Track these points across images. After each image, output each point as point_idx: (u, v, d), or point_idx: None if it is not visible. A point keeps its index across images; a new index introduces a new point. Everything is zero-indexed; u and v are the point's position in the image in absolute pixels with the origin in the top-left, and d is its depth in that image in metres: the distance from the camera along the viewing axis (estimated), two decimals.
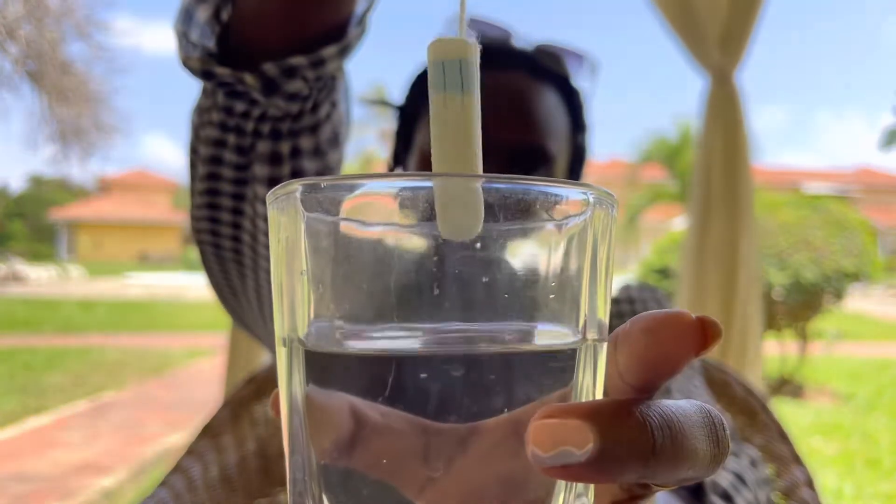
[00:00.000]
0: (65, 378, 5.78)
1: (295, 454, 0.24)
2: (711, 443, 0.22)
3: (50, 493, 3.19)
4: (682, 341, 0.21)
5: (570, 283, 0.23)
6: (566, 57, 0.82)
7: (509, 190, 0.22)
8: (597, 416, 0.20)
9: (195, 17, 0.50)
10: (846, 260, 5.15)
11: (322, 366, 0.23)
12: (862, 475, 3.71)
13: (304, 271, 0.23)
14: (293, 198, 0.23)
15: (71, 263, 25.13)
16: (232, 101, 0.52)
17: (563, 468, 0.19)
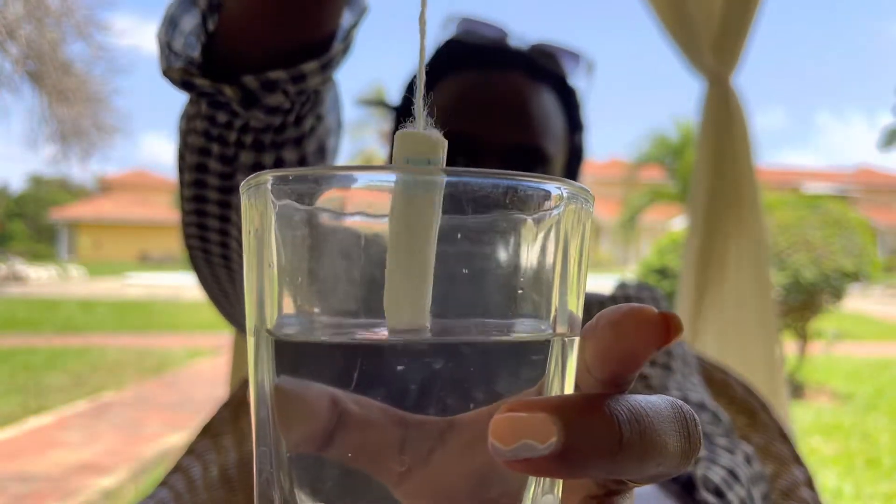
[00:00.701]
0: (65, 378, 5.78)
1: (262, 445, 0.24)
2: (682, 437, 0.22)
3: (50, 493, 3.19)
4: (645, 334, 0.21)
5: (541, 278, 0.23)
6: (562, 56, 0.82)
7: (479, 185, 0.21)
8: (562, 410, 0.19)
9: (180, 26, 0.50)
10: (846, 260, 5.15)
11: (290, 356, 0.23)
12: (861, 475, 3.71)
13: (273, 263, 0.23)
14: (263, 189, 0.23)
15: (71, 263, 25.13)
16: (214, 112, 0.52)
17: (526, 462, 0.19)
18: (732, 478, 0.62)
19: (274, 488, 0.23)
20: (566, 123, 0.83)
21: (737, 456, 0.67)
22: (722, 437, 0.69)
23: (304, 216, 0.22)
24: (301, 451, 0.23)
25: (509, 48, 0.82)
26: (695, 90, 2.49)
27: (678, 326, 0.21)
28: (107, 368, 6.28)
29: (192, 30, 0.50)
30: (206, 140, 0.53)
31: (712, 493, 0.60)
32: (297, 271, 0.23)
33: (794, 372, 5.65)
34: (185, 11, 0.50)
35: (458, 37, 0.82)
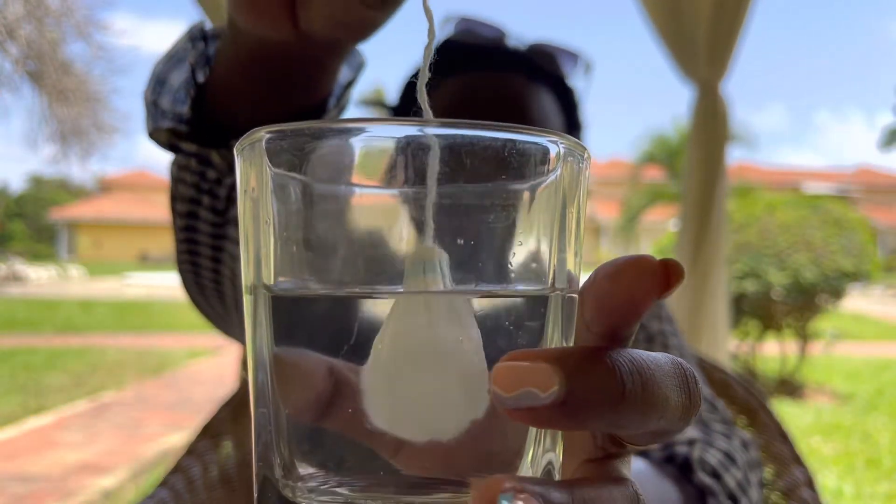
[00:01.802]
0: (65, 378, 5.78)
1: (261, 407, 0.23)
2: (683, 393, 0.22)
3: (50, 493, 3.19)
4: (645, 283, 0.20)
5: (539, 235, 0.23)
6: (560, 56, 0.82)
7: (477, 137, 0.21)
8: (564, 360, 0.19)
9: (168, 82, 0.49)
10: (846, 260, 5.15)
11: (288, 312, 0.23)
12: (861, 475, 3.71)
13: (269, 221, 0.22)
14: (258, 147, 0.22)
15: (71, 263, 25.13)
16: (204, 169, 0.51)
17: (528, 411, 0.19)
18: (729, 460, 0.62)
19: (274, 453, 0.23)
20: (564, 123, 0.83)
21: (734, 441, 0.67)
22: (719, 424, 0.70)
23: (300, 173, 0.22)
24: (299, 420, 0.23)
25: (507, 49, 0.82)
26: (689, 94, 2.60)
27: (679, 273, 0.20)
28: (107, 368, 6.28)
29: (181, 84, 0.49)
30: (196, 192, 0.53)
31: (709, 474, 0.60)
32: (293, 229, 0.22)
33: (794, 372, 5.65)
34: (173, 68, 0.49)
35: (456, 37, 0.82)
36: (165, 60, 0.50)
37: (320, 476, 0.22)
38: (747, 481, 0.62)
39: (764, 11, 7.92)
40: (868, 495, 3.44)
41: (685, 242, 2.50)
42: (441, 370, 0.21)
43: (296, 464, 0.23)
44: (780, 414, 1.05)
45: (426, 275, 0.22)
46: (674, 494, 0.57)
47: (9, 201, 38.64)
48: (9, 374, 5.87)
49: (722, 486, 0.59)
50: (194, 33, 0.50)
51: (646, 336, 0.80)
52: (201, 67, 0.49)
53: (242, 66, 0.45)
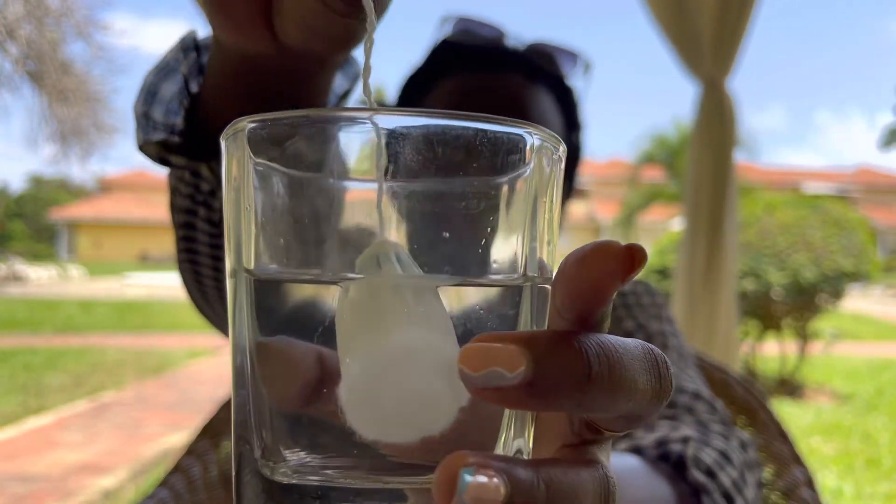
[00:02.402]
0: (65, 378, 5.78)
1: (241, 389, 0.24)
2: (653, 377, 0.22)
3: (50, 493, 3.19)
4: (610, 266, 0.21)
5: (511, 224, 0.23)
6: (559, 56, 0.82)
7: (449, 127, 0.22)
8: (531, 342, 0.20)
9: (159, 94, 0.48)
10: (845, 260, 5.15)
11: (269, 296, 0.23)
12: (861, 475, 3.71)
13: (250, 206, 0.23)
14: (241, 136, 0.23)
15: (71, 263, 25.14)
16: (198, 181, 0.51)
17: (495, 391, 0.19)
18: (724, 459, 0.62)
19: (252, 433, 0.23)
20: (563, 123, 0.83)
21: (731, 441, 0.67)
22: (717, 425, 0.70)
23: (281, 162, 0.22)
24: (284, 407, 0.23)
25: (506, 49, 0.82)
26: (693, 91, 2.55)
27: (641, 256, 0.21)
28: (107, 368, 6.28)
29: (174, 95, 0.48)
30: (192, 203, 0.53)
31: (703, 472, 0.60)
32: (274, 216, 0.23)
33: (794, 372, 5.65)
34: (164, 79, 0.49)
35: (454, 37, 0.82)
36: (156, 72, 0.49)
37: (301, 457, 0.23)
38: (743, 481, 0.62)
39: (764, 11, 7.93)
40: (868, 495, 3.44)
41: (693, 244, 2.47)
42: (419, 369, 0.21)
43: (277, 445, 0.23)
44: (780, 414, 1.05)
45: (381, 267, 0.22)
46: (667, 492, 0.57)
47: (9, 201, 38.65)
48: (9, 374, 5.87)
49: (716, 484, 0.59)
50: (187, 43, 0.49)
51: (645, 336, 0.80)
52: (194, 77, 0.48)
53: (229, 79, 0.44)
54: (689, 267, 2.47)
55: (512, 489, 0.19)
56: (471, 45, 0.81)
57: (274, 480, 0.23)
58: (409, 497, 0.22)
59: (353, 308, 0.22)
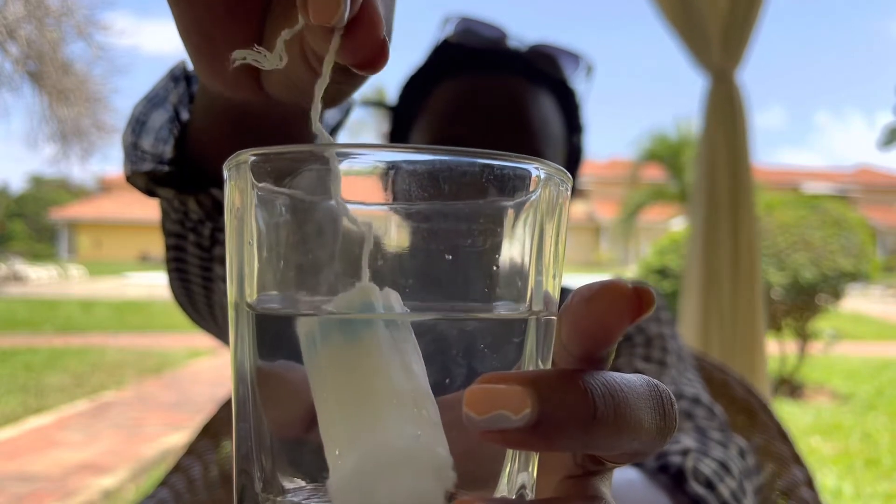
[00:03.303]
0: (65, 378, 5.78)
1: (242, 422, 0.24)
2: (658, 415, 0.22)
3: (50, 493, 3.19)
4: (618, 307, 0.21)
5: (516, 258, 0.23)
6: (561, 57, 0.82)
7: (455, 163, 0.22)
8: (536, 383, 0.20)
9: (149, 123, 0.48)
10: (845, 260, 5.15)
11: (270, 330, 0.23)
12: (861, 475, 3.71)
13: (253, 241, 0.23)
14: (244, 168, 0.23)
15: (71, 263, 25.13)
16: (187, 209, 0.50)
17: (500, 433, 0.19)
18: (724, 470, 0.62)
19: (254, 465, 0.23)
20: (565, 125, 0.83)
21: (730, 450, 0.67)
22: (716, 431, 0.70)
23: (283, 195, 0.22)
24: (284, 434, 0.23)
25: (507, 50, 0.81)
26: (696, 88, 2.51)
27: (650, 299, 0.21)
28: (107, 368, 6.28)
29: (164, 123, 0.48)
30: (182, 228, 0.52)
31: (703, 484, 0.60)
32: (276, 249, 0.23)
33: (793, 372, 5.65)
34: (154, 109, 0.48)
35: (455, 38, 0.82)
36: (145, 102, 0.49)
37: (301, 490, 0.23)
38: (742, 491, 0.62)
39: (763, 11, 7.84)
40: (868, 495, 3.44)
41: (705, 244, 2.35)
42: (413, 470, 0.21)
43: (277, 477, 0.23)
44: (780, 414, 1.05)
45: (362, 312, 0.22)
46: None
47: (9, 201, 38.63)
48: (9, 373, 5.87)
49: (716, 496, 0.59)
50: (176, 73, 0.49)
51: (644, 339, 0.80)
52: (184, 107, 0.48)
53: (216, 118, 0.44)
54: (704, 267, 2.39)
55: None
56: (472, 46, 0.81)
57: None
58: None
59: (334, 377, 0.22)
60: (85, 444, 3.96)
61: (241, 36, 0.30)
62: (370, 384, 0.22)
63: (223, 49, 0.30)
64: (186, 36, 0.31)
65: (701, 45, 2.38)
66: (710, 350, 2.34)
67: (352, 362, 0.22)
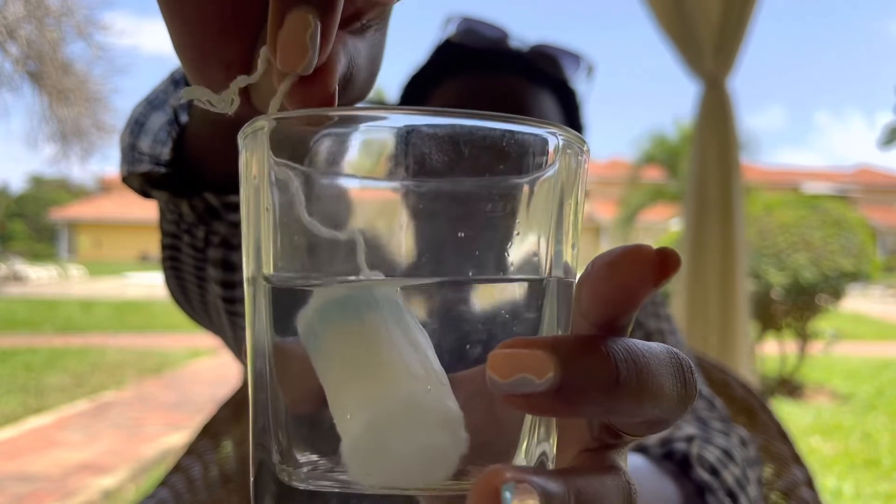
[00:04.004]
0: (65, 378, 5.78)
1: (259, 393, 0.24)
2: (679, 382, 0.22)
3: (50, 493, 3.19)
4: (642, 271, 0.20)
5: (537, 225, 0.23)
6: (562, 58, 0.82)
7: (474, 127, 0.21)
8: (559, 347, 0.19)
9: (147, 125, 0.48)
10: (845, 260, 5.15)
11: (287, 302, 0.23)
12: (861, 475, 3.71)
13: (270, 208, 0.23)
14: (260, 135, 0.23)
15: (71, 263, 25.12)
16: (182, 212, 0.51)
17: (523, 398, 0.19)
18: (727, 457, 0.63)
19: (271, 438, 0.23)
20: (565, 126, 0.83)
21: (732, 438, 0.67)
22: (717, 422, 0.70)
23: (301, 162, 0.22)
24: (299, 409, 0.23)
25: (508, 50, 0.82)
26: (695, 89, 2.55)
27: (675, 262, 0.20)
28: (107, 368, 6.28)
29: (163, 125, 0.48)
30: (177, 229, 0.53)
31: (707, 471, 0.60)
32: (293, 217, 0.22)
33: (793, 372, 5.65)
34: (153, 111, 0.49)
35: (456, 38, 0.82)
36: (145, 104, 0.49)
37: (318, 462, 0.23)
38: (746, 478, 0.63)
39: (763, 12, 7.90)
40: (868, 495, 3.44)
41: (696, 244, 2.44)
42: (424, 425, 0.21)
43: (293, 450, 0.23)
44: (780, 414, 1.05)
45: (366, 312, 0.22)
46: (672, 491, 0.58)
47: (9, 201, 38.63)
48: (9, 373, 5.87)
49: (720, 482, 0.60)
50: (176, 77, 0.50)
51: (643, 335, 0.80)
52: (184, 109, 0.49)
53: (212, 124, 0.44)
54: (692, 267, 2.45)
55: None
56: (474, 47, 0.81)
57: (291, 486, 0.23)
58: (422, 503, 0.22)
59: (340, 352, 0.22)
60: (85, 444, 3.96)
61: (234, 54, 0.30)
62: (376, 354, 0.22)
63: (216, 67, 0.30)
64: (181, 52, 0.31)
65: (694, 52, 2.44)
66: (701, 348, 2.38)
67: (356, 338, 0.22)
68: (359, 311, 0.22)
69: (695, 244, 2.47)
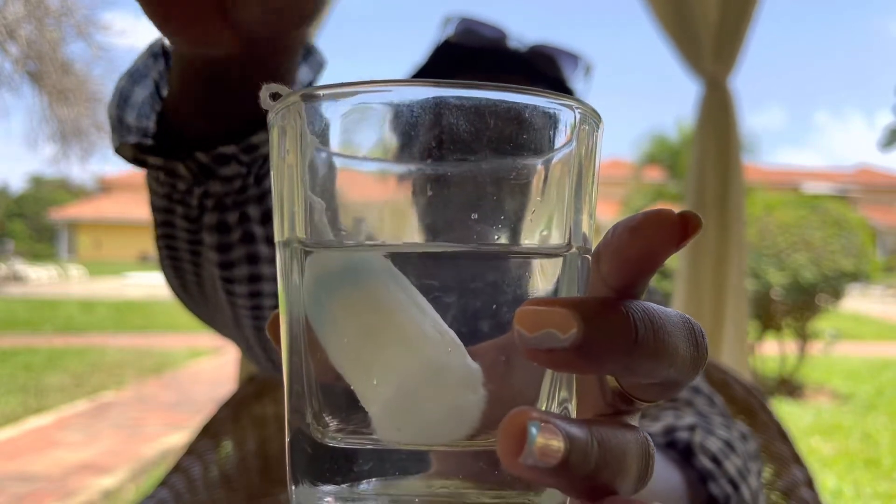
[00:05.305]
0: (65, 378, 5.78)
1: (294, 356, 0.25)
2: (692, 345, 0.23)
3: (50, 493, 3.19)
4: (664, 233, 0.22)
5: (556, 196, 0.24)
6: (561, 58, 0.82)
7: (498, 100, 0.22)
8: (581, 307, 0.21)
9: (131, 99, 0.49)
10: (845, 260, 5.15)
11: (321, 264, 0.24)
12: (861, 475, 3.71)
13: (306, 181, 0.24)
14: (293, 109, 0.24)
15: (71, 263, 25.12)
16: (174, 180, 0.51)
17: (548, 353, 0.20)
18: (729, 448, 0.64)
19: (305, 401, 0.24)
20: None
21: (733, 432, 0.68)
22: (718, 417, 0.71)
23: (335, 134, 0.23)
24: (328, 377, 0.24)
25: (506, 51, 0.82)
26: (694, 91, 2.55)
27: (696, 224, 0.22)
28: (107, 368, 6.28)
29: (145, 99, 0.49)
30: (169, 202, 0.53)
31: (710, 459, 0.61)
32: (326, 188, 0.24)
33: (793, 372, 5.65)
34: (136, 84, 0.50)
35: (455, 38, 0.82)
36: (127, 77, 0.50)
37: (348, 421, 0.24)
38: (747, 469, 0.63)
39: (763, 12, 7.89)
40: (868, 495, 3.44)
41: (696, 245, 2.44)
42: (450, 386, 0.23)
43: (325, 410, 0.24)
44: (780, 414, 1.05)
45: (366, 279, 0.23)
46: (676, 478, 0.58)
47: (9, 201, 38.64)
48: (9, 374, 5.87)
49: (722, 471, 0.61)
50: (155, 49, 0.51)
51: None
52: (165, 82, 0.49)
53: (192, 84, 0.45)
54: (692, 268, 2.45)
55: (570, 446, 0.20)
56: (473, 47, 0.81)
57: (324, 444, 0.24)
58: (439, 461, 0.23)
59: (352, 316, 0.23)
60: (85, 444, 3.96)
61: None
62: (390, 320, 0.23)
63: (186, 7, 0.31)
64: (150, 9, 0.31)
65: (694, 52, 2.44)
66: None
67: (365, 305, 0.23)
68: (363, 279, 0.23)
69: (694, 243, 2.46)
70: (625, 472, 0.22)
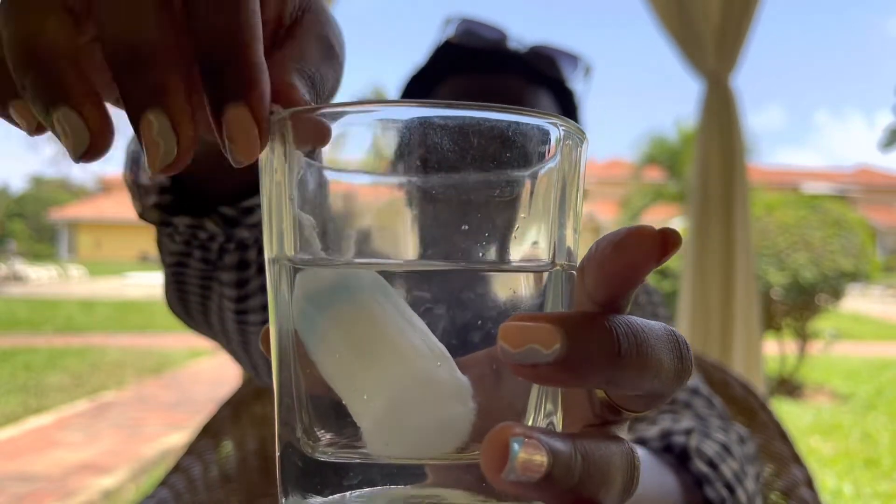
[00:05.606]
0: (65, 378, 5.78)
1: (284, 371, 0.25)
2: (675, 357, 0.23)
3: (50, 493, 3.19)
4: (645, 249, 0.22)
5: (540, 213, 0.24)
6: (560, 58, 0.82)
7: (482, 119, 0.22)
8: (565, 322, 0.21)
9: (142, 160, 0.49)
10: (845, 260, 5.15)
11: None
12: (861, 475, 3.72)
13: (294, 197, 0.24)
14: (281, 128, 0.24)
15: (71, 263, 25.12)
16: (195, 230, 0.51)
17: (532, 368, 0.21)
18: (726, 451, 0.64)
19: (295, 415, 0.24)
20: None
21: (731, 435, 0.68)
22: (716, 419, 0.71)
23: (320, 151, 0.24)
24: (318, 391, 0.24)
25: (506, 51, 0.82)
26: (694, 90, 2.54)
27: (676, 240, 0.22)
28: (107, 368, 6.28)
29: None
30: (186, 247, 0.53)
31: (706, 463, 0.61)
32: (313, 205, 0.24)
33: (793, 372, 5.65)
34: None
35: (455, 39, 0.82)
36: (135, 139, 0.49)
37: (338, 436, 0.24)
38: (744, 472, 0.63)
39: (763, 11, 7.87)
40: (868, 495, 3.44)
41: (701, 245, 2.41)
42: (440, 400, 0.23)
43: (315, 425, 0.24)
44: (780, 414, 1.05)
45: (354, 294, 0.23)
46: (672, 482, 0.58)
47: (9, 201, 38.64)
48: (9, 373, 5.87)
49: (718, 475, 0.60)
50: None
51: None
52: None
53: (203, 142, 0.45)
54: (698, 269, 2.43)
55: (553, 461, 0.20)
56: (473, 47, 0.81)
57: (314, 458, 0.24)
58: (429, 474, 0.24)
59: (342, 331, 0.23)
60: (85, 444, 3.96)
61: None
62: (380, 334, 0.23)
63: None
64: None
65: (696, 50, 2.43)
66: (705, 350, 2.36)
67: (355, 321, 0.23)
68: (351, 295, 0.23)
69: (699, 242, 2.44)
70: (609, 485, 0.22)
